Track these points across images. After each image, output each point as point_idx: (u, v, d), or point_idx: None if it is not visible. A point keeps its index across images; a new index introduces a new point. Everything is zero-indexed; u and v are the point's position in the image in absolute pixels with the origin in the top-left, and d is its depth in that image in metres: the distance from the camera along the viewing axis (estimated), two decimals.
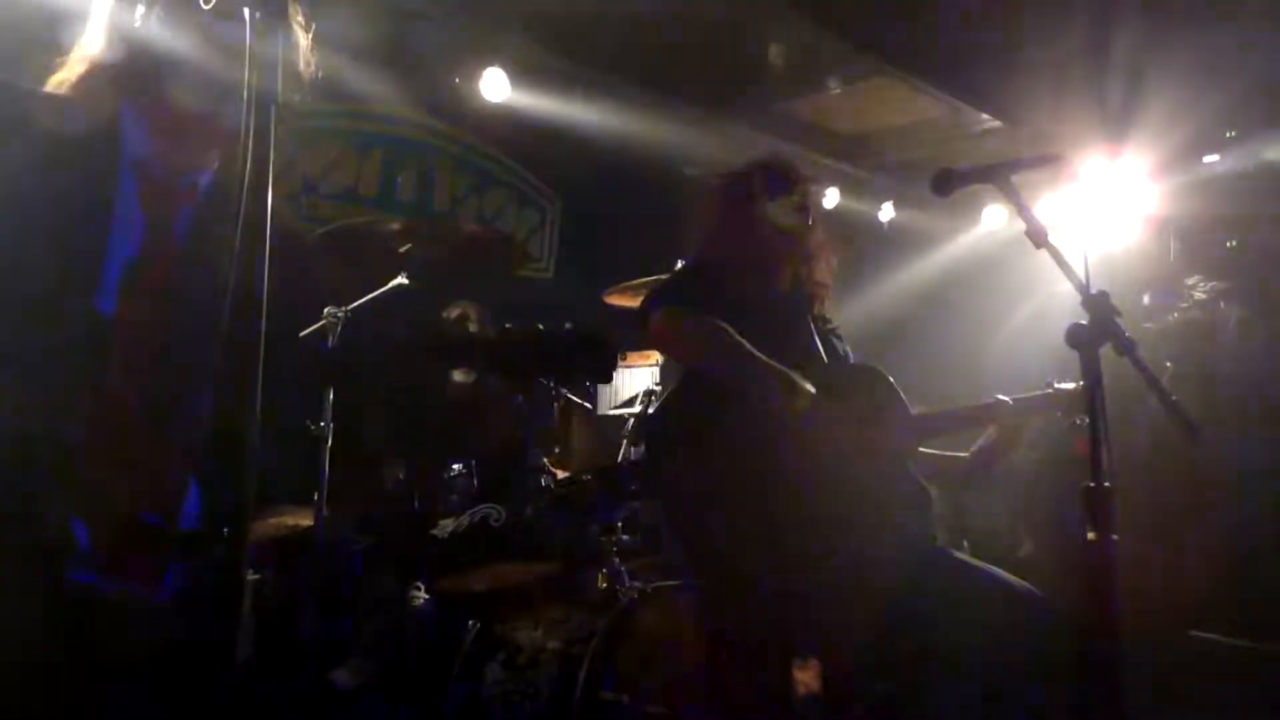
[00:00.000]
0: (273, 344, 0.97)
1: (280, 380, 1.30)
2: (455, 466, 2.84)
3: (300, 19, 1.39)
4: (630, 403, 3.54)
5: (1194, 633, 3.38)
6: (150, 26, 1.28)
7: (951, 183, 1.76)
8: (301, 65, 1.39)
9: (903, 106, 5.22)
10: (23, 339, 1.18)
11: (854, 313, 5.03)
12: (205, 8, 0.85)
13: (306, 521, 2.55)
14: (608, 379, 1.44)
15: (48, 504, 1.16)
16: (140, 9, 1.31)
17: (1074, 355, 1.63)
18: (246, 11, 0.89)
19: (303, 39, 1.40)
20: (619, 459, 3.21)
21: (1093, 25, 4.30)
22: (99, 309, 1.25)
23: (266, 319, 0.94)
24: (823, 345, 2.38)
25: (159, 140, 1.34)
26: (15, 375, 1.16)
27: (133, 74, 1.30)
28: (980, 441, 2.39)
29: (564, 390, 3.41)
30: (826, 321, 2.48)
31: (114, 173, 1.29)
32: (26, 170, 1.22)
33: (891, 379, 2.32)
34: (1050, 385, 2.31)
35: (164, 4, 1.28)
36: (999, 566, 2.15)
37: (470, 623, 2.61)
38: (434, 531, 2.70)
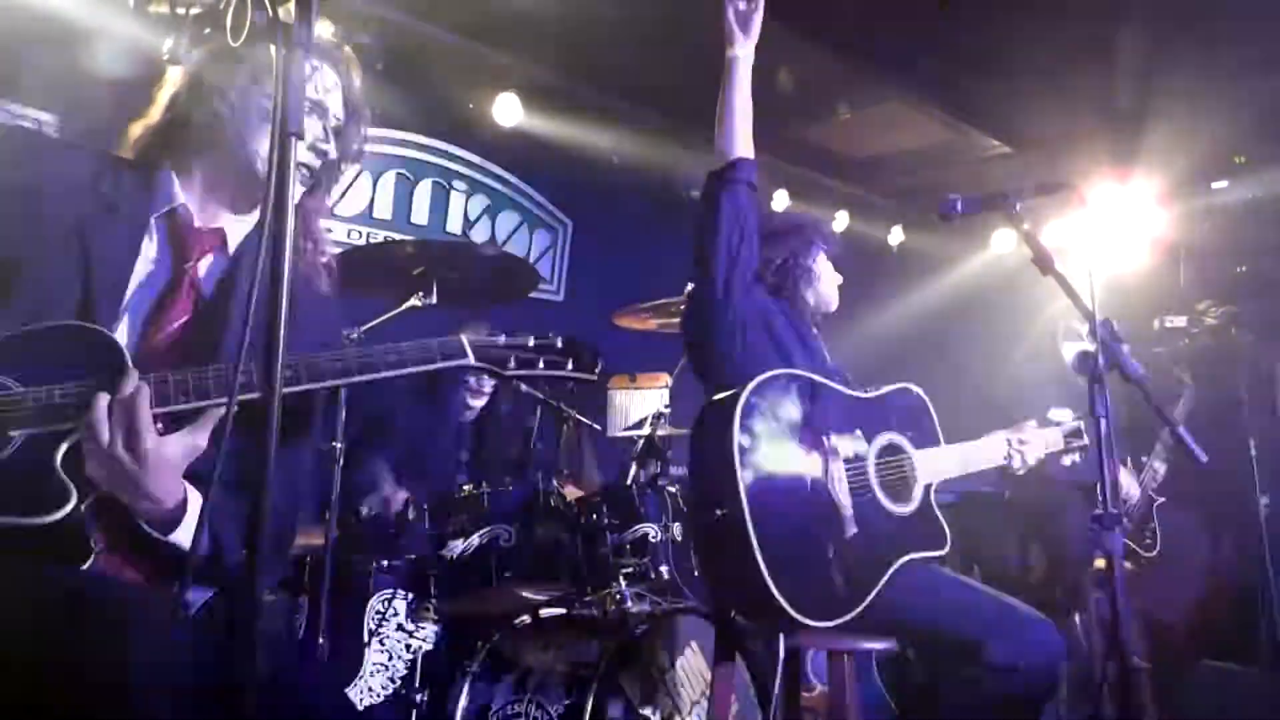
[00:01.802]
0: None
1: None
2: (465, 487, 2.85)
3: (350, 54, 1.47)
4: (639, 425, 3.55)
5: (1207, 661, 3.35)
6: (187, 62, 1.38)
7: (957, 211, 1.78)
8: (349, 102, 1.48)
9: (912, 132, 5.25)
10: (44, 353, 1.25)
11: (863, 336, 5.04)
12: (234, 45, 0.89)
13: (318, 541, 2.56)
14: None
15: (62, 506, 1.19)
16: (169, 43, 1.39)
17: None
18: (271, 49, 0.92)
19: (355, 79, 1.49)
20: (628, 481, 3.22)
21: (1101, 52, 4.33)
22: (118, 336, 1.31)
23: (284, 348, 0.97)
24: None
25: (190, 197, 1.46)
26: (36, 384, 1.22)
27: (176, 140, 1.47)
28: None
29: (573, 411, 3.43)
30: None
31: (144, 220, 1.42)
32: (59, 211, 1.35)
33: (931, 408, 2.30)
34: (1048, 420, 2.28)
35: (193, 36, 1.37)
36: (1009, 592, 2.14)
37: (479, 644, 2.61)
38: (443, 552, 2.71)
